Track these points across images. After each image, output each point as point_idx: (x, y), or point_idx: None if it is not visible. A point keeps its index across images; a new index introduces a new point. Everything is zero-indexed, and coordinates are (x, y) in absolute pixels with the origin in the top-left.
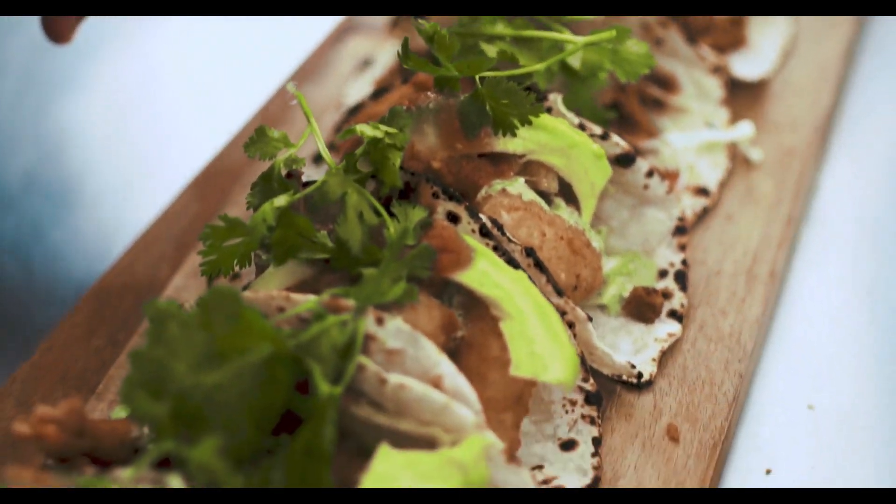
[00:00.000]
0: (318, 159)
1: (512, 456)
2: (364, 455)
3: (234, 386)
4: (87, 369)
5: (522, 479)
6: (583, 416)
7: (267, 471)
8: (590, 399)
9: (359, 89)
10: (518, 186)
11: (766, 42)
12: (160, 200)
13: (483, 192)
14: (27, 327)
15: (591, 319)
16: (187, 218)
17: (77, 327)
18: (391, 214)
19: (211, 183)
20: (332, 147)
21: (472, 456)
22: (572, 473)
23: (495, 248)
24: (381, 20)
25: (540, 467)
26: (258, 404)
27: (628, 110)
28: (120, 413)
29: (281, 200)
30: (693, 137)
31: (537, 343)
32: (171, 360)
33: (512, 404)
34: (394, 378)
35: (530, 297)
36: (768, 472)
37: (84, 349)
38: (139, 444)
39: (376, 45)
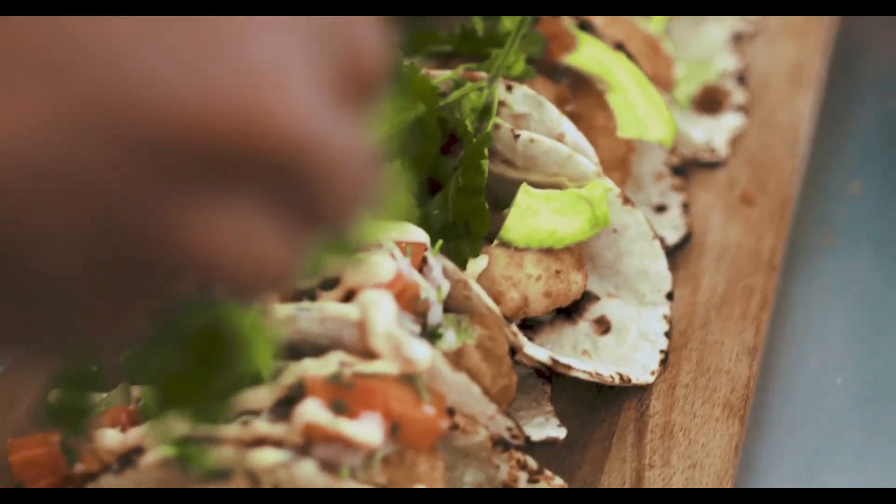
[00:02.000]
0: None
1: (626, 199)
2: (498, 208)
3: (399, 136)
4: None
5: (637, 218)
6: (671, 186)
7: (428, 209)
8: (676, 171)
9: None
10: None
11: None
12: None
13: None
14: None
15: None
16: None
17: None
18: None
19: None
20: None
21: (596, 195)
22: (668, 230)
23: None
24: None
25: None
26: (416, 154)
27: None
28: None
29: None
30: None
31: (639, 109)
32: None
33: (618, 166)
34: (525, 133)
35: (630, 72)
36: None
37: None
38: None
39: None
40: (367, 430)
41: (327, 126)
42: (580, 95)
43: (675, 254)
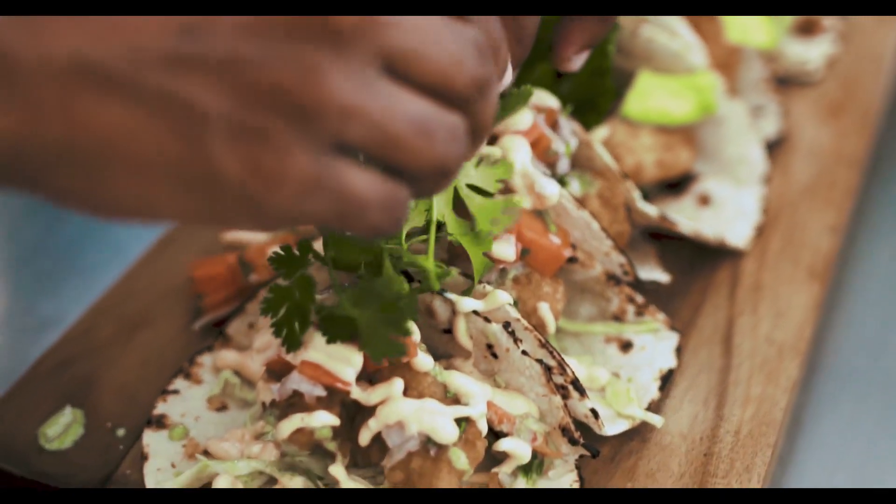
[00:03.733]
0: None
1: (731, 92)
2: (617, 94)
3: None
4: None
5: (739, 110)
6: (770, 93)
7: (561, 88)
8: (775, 81)
9: None
10: None
11: None
12: None
13: None
14: None
15: None
16: None
17: None
18: None
19: None
20: None
21: (705, 84)
22: (766, 129)
23: None
24: None
25: None
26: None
27: None
28: None
29: None
30: None
31: (746, 19)
32: None
33: (724, 67)
34: (645, 29)
35: None
36: None
37: None
38: None
39: None
40: (503, 247)
41: None
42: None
43: (771, 149)
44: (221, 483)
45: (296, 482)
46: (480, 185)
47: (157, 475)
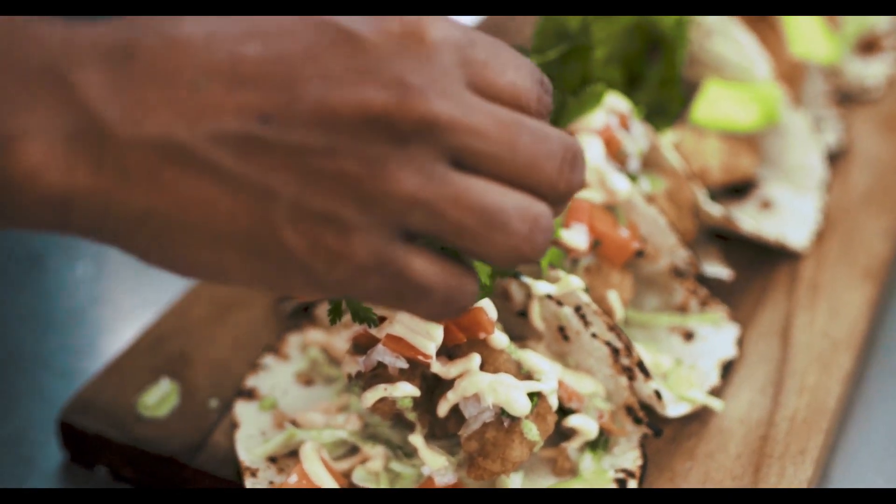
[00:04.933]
0: None
1: (794, 103)
2: (686, 102)
3: (613, 38)
4: None
5: (801, 120)
6: (831, 106)
7: (633, 95)
8: (837, 95)
9: None
10: None
11: None
12: None
13: None
14: None
15: None
16: None
17: None
18: None
19: None
20: None
21: (769, 94)
22: (831, 131)
23: None
24: None
25: None
26: (629, 50)
27: None
28: None
29: None
30: None
31: (809, 33)
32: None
33: (787, 80)
34: (713, 42)
35: None
36: None
37: None
38: None
39: None
40: (576, 236)
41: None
42: (759, 19)
43: (831, 159)
44: (307, 450)
45: (377, 451)
46: None
47: (247, 441)
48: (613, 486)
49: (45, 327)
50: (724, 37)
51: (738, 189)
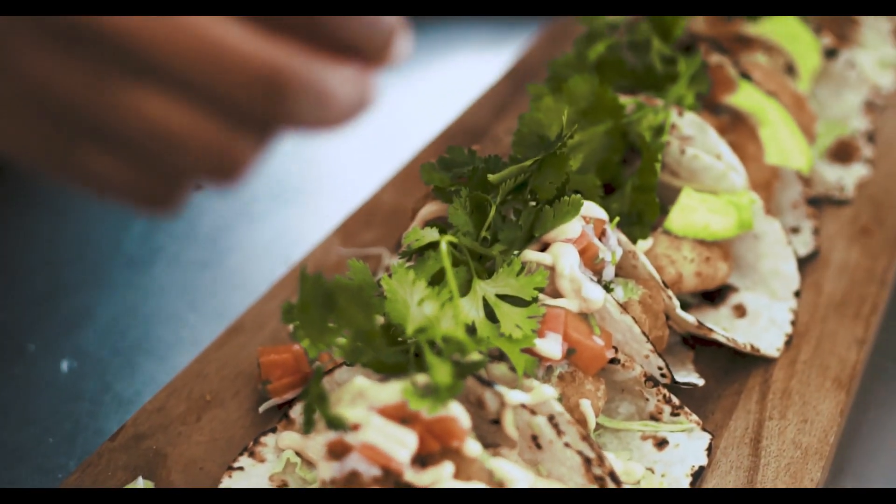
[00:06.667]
0: None
1: (768, 211)
2: (662, 209)
3: (589, 143)
4: None
5: (775, 227)
6: (805, 213)
7: (608, 202)
8: (810, 202)
9: None
10: (760, 58)
11: None
12: None
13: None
14: None
15: None
16: None
17: None
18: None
19: None
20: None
21: (743, 203)
22: (799, 246)
23: None
24: None
25: None
26: (604, 158)
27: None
28: None
29: (604, 43)
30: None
31: (784, 142)
32: (547, 122)
33: (763, 187)
34: (690, 150)
35: (779, 112)
36: None
37: None
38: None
39: None
40: (550, 345)
41: None
42: (736, 128)
43: (804, 265)
44: None
45: None
46: (517, 293)
47: None
48: None
49: (25, 421)
50: (701, 144)
51: (712, 295)
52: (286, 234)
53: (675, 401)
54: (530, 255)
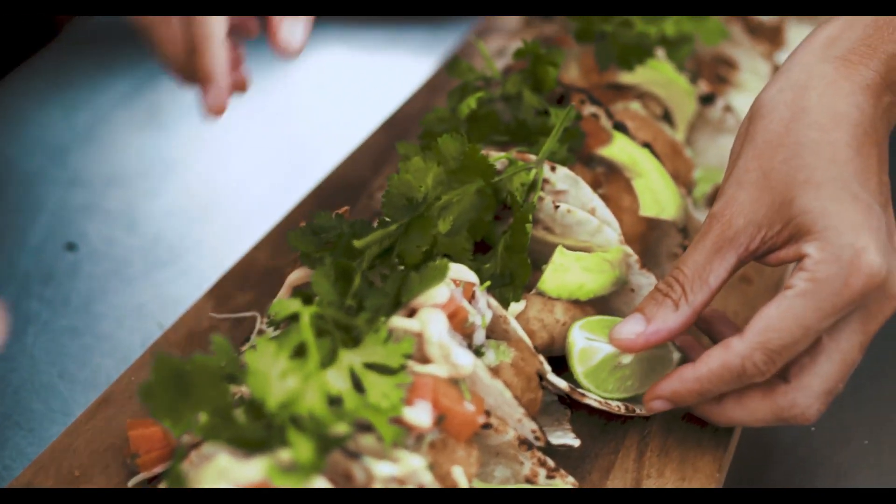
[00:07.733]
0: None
1: (643, 265)
2: (536, 265)
3: (459, 204)
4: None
5: (651, 281)
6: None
7: (480, 263)
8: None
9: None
10: (635, 106)
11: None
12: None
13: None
14: None
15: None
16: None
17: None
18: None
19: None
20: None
21: (618, 258)
22: None
23: None
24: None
25: None
26: (475, 218)
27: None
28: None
29: (475, 98)
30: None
31: (659, 194)
32: (416, 184)
33: (638, 240)
34: (563, 205)
35: (653, 165)
36: None
37: None
38: None
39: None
40: (419, 414)
41: None
42: (611, 180)
43: None
44: None
45: None
46: (384, 362)
47: None
48: None
49: None
50: (575, 199)
51: None
52: (159, 296)
53: (551, 463)
54: (397, 321)
